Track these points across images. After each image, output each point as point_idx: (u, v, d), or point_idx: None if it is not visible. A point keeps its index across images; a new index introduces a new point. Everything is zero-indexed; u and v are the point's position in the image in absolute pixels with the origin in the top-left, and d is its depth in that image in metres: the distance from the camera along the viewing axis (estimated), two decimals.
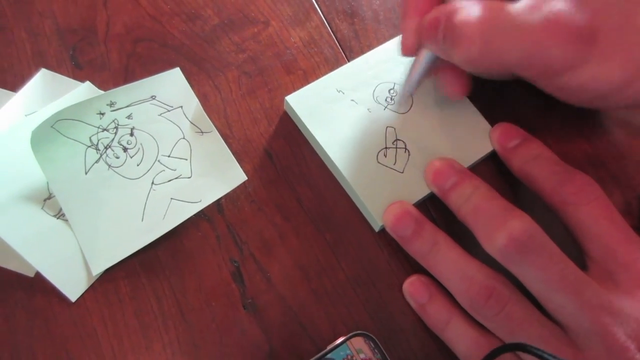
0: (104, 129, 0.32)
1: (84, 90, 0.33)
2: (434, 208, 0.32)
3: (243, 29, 0.37)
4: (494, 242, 0.26)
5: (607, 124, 0.35)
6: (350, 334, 0.28)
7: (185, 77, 0.34)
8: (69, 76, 0.34)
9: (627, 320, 0.25)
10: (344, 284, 0.30)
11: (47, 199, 0.30)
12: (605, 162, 0.34)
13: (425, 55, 0.30)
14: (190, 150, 0.32)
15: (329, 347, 0.28)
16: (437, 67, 0.31)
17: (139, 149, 0.32)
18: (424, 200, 0.32)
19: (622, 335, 0.24)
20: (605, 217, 0.28)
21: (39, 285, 0.29)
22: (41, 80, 0.33)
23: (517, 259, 0.26)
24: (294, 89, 0.34)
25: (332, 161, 0.31)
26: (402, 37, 0.30)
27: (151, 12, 0.36)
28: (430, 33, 0.28)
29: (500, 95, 0.35)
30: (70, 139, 0.31)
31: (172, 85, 0.34)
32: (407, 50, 0.30)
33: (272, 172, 0.32)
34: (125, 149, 0.32)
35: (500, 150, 0.32)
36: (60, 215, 0.30)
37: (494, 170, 0.33)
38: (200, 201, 0.31)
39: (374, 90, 0.34)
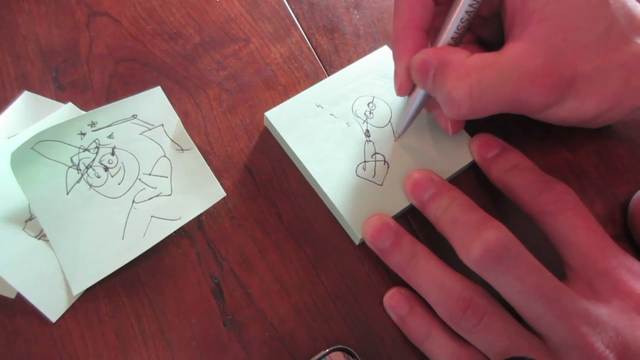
0: (85, 149, 0.32)
1: (66, 111, 0.34)
2: (414, 220, 0.32)
3: (224, 46, 0.37)
4: (470, 253, 0.26)
5: (588, 133, 0.35)
6: (329, 349, 0.28)
7: (167, 95, 0.34)
8: (51, 97, 0.34)
9: (605, 330, 0.24)
10: (324, 298, 0.30)
11: (28, 220, 0.31)
12: (587, 171, 0.34)
13: (418, 93, 0.30)
14: (171, 167, 0.33)
15: None
16: (432, 104, 0.31)
17: (120, 168, 0.32)
18: (404, 212, 0.32)
19: (601, 344, 0.24)
20: (583, 225, 0.28)
21: (19, 307, 0.29)
22: (24, 102, 0.34)
23: (492, 269, 0.26)
24: (274, 104, 0.34)
25: (311, 175, 0.32)
26: (395, 78, 0.31)
27: (133, 32, 0.37)
28: (419, 78, 0.29)
29: None
30: (51, 159, 0.31)
31: (153, 104, 0.34)
32: (401, 91, 0.31)
33: (252, 187, 0.33)
34: (106, 169, 0.32)
35: (480, 160, 0.32)
36: (41, 236, 0.30)
37: (475, 180, 0.33)
38: (180, 218, 0.31)
39: (352, 104, 0.34)
